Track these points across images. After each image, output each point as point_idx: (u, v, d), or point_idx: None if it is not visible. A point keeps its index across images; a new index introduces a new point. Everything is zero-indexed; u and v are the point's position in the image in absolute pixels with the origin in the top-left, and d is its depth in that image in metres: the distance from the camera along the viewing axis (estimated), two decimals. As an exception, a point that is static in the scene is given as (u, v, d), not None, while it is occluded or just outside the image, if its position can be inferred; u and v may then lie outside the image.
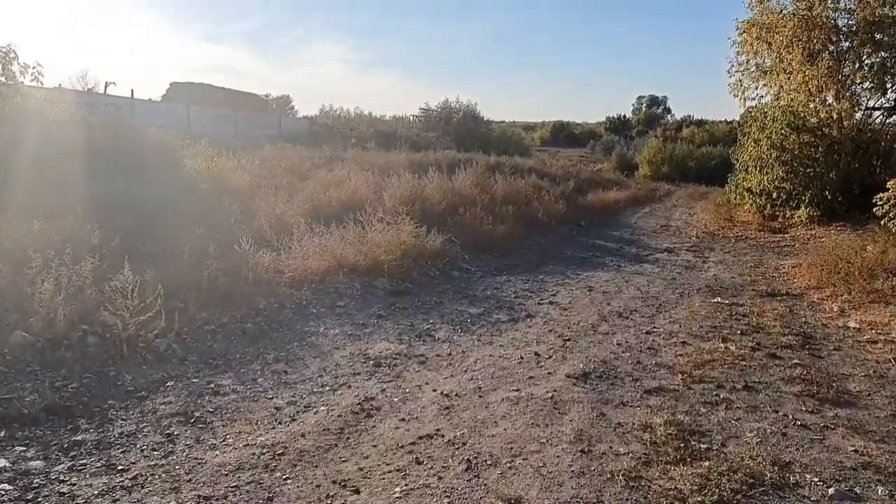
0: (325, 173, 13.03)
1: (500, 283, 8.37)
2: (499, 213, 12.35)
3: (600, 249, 11.55)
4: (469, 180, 13.79)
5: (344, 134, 25.30)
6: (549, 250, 11.29)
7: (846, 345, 5.89)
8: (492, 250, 10.56)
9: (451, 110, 35.85)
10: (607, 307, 7.04)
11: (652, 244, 12.28)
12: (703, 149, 39.53)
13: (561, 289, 8.06)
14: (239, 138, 19.96)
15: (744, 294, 8.04)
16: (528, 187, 15.71)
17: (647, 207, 18.92)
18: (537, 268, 9.64)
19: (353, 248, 8.06)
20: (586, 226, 14.42)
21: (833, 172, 13.48)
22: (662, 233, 13.91)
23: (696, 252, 11.45)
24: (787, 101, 14.30)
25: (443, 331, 6.07)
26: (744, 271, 9.66)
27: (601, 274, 9.18)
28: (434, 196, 12.11)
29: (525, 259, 10.37)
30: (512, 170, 18.95)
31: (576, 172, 23.14)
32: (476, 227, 11.09)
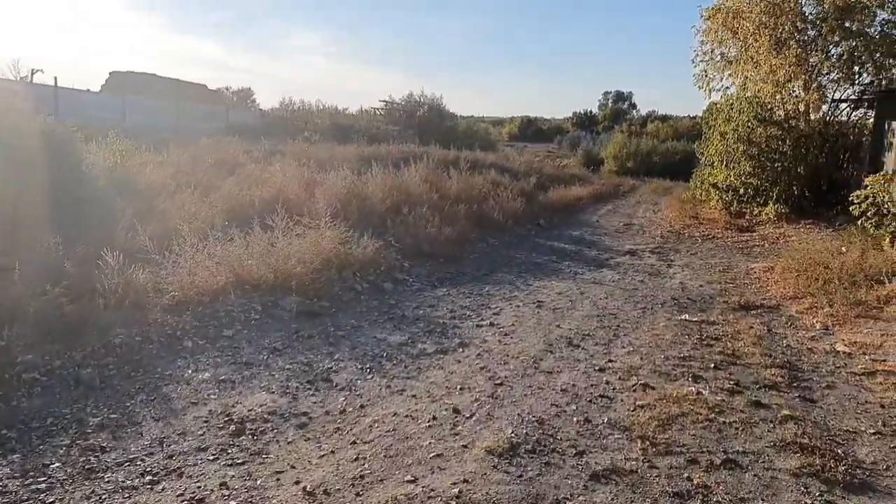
0: (253, 169, 11.55)
1: (438, 298, 7.05)
2: (449, 212, 11.03)
3: (558, 252, 10.30)
4: (419, 176, 12.44)
5: (298, 127, 23.71)
6: (501, 254, 10.01)
7: (840, 379, 4.69)
8: (437, 256, 9.24)
9: (415, 103, 34.34)
10: (556, 330, 5.75)
11: (614, 246, 11.07)
12: (668, 143, 38.86)
13: (506, 305, 6.77)
14: (179, 131, 18.35)
15: (714, 307, 6.84)
16: (485, 184, 14.43)
17: (611, 204, 17.77)
18: (485, 276, 8.34)
19: (258, 260, 6.68)
20: (546, 225, 13.17)
21: (801, 167, 12.42)
22: (625, 232, 12.73)
23: (660, 255, 10.27)
24: (754, 91, 13.20)
25: (346, 371, 4.72)
26: (712, 277, 8.49)
27: (555, 283, 7.91)
28: (376, 194, 10.74)
29: (473, 265, 9.06)
30: (471, 165, 17.67)
31: (539, 168, 21.91)
32: (421, 228, 9.76)
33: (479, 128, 39.18)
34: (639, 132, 48.14)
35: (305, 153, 14.70)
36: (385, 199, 10.68)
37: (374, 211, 10.33)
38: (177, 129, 20.08)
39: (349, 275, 7.53)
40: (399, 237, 9.62)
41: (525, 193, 15.18)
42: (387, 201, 10.65)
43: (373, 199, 10.62)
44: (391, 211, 10.55)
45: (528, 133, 57.93)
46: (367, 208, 10.23)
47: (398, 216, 10.27)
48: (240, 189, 10.08)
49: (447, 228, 9.95)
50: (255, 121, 25.38)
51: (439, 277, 8.17)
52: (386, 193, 10.91)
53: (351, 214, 9.65)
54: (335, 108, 37.33)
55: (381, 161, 13.15)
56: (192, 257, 6.23)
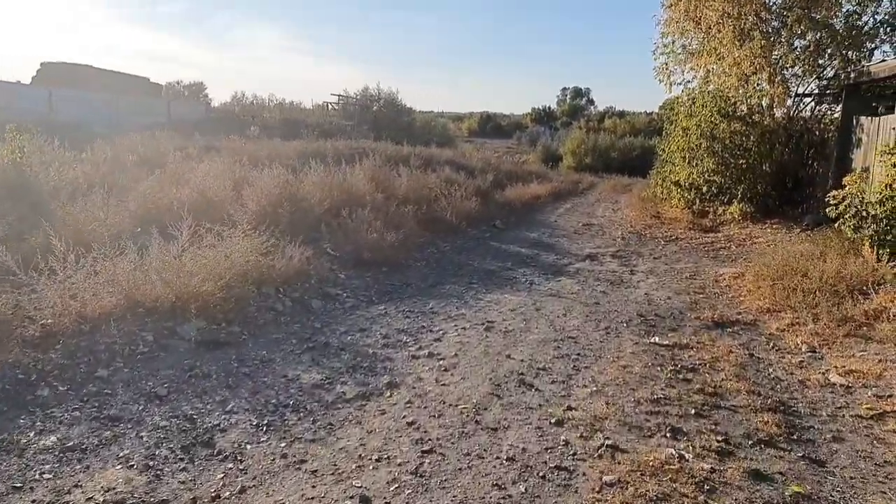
0: (176, 167, 10.28)
1: (373, 319, 6.00)
2: (395, 214, 9.98)
3: (514, 258, 9.35)
4: (365, 175, 11.34)
5: (245, 121, 22.28)
6: (452, 261, 9.00)
7: (845, 426, 3.81)
8: (380, 264, 8.20)
9: (370, 98, 33.09)
10: (506, 363, 4.76)
11: (573, 249, 10.17)
12: (626, 139, 38.57)
13: (451, 327, 5.75)
14: (112, 125, 16.83)
15: (685, 325, 5.95)
16: (438, 182, 13.41)
17: (570, 202, 16.94)
18: (431, 289, 7.32)
19: (156, 277, 5.53)
20: (502, 226, 12.22)
21: (767, 164, 11.73)
22: (585, 233, 11.86)
23: (622, 259, 9.40)
24: (717, 85, 12.45)
25: (237, 430, 3.64)
26: (680, 286, 7.63)
27: (509, 297, 6.93)
28: (313, 195, 9.62)
29: (420, 275, 8.04)
30: (424, 162, 16.63)
31: (496, 165, 20.99)
32: (363, 233, 8.69)
33: (437, 123, 38.09)
34: (597, 128, 47.83)
35: (243, 149, 13.43)
36: (324, 201, 9.57)
37: (311, 214, 9.22)
38: (111, 123, 18.49)
39: (271, 291, 6.43)
40: (337, 244, 8.54)
41: (481, 192, 14.23)
42: (325, 203, 9.54)
43: (310, 200, 9.50)
44: (330, 214, 9.45)
45: (488, 129, 57.08)
46: (302, 211, 9.11)
47: (338, 220, 9.19)
48: (158, 190, 8.85)
49: (392, 233, 8.91)
50: (200, 115, 23.80)
51: (379, 291, 7.12)
52: (325, 194, 9.79)
53: (282, 218, 8.53)
54: (290, 103, 35.84)
55: (327, 158, 12.01)
56: (72, 276, 5.06)
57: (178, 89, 49.09)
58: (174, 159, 11.51)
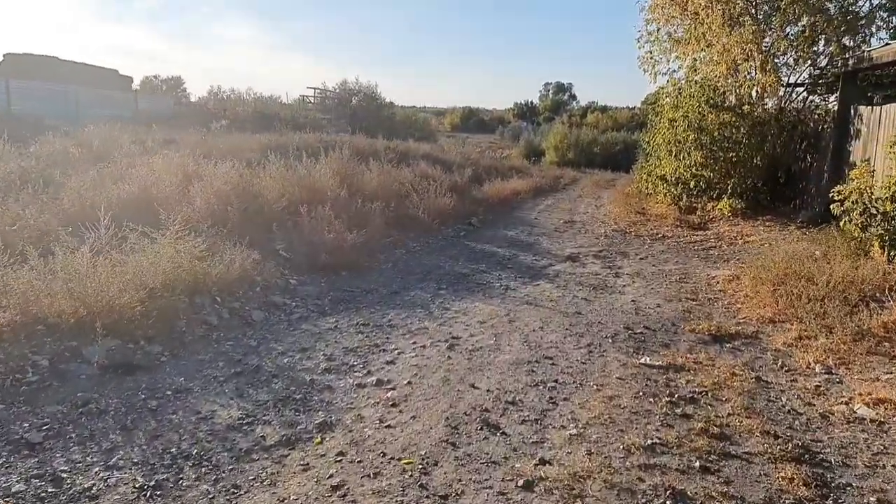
0: (122, 161, 9.28)
1: (320, 335, 5.12)
2: (361, 212, 9.09)
3: (489, 259, 8.50)
4: (330, 169, 10.43)
5: (216, 115, 21.22)
6: (422, 263, 8.14)
7: (892, 483, 3.02)
8: (339, 267, 7.32)
9: (349, 92, 32.06)
10: (468, 395, 3.91)
11: (553, 249, 9.35)
12: (608, 134, 38.01)
13: (409, 345, 4.89)
14: (72, 118, 15.77)
15: (680, 340, 5.14)
16: (413, 178, 12.52)
17: (551, 198, 16.12)
18: (394, 296, 6.46)
19: (61, 287, 4.62)
20: (478, 224, 11.37)
21: (758, 157, 10.97)
22: (566, 231, 11.04)
23: (606, 259, 8.60)
24: (705, 74, 11.68)
25: (114, 495, 2.76)
26: (670, 291, 6.84)
27: (480, 306, 6.09)
28: (270, 191, 8.70)
29: (384, 279, 7.17)
30: (399, 156, 15.73)
31: (476, 160, 20.14)
32: (322, 233, 7.81)
33: (418, 117, 37.16)
34: (579, 123, 47.23)
35: (202, 143, 12.43)
36: (281, 198, 8.66)
37: (266, 212, 8.31)
38: (72, 115, 17.39)
39: (206, 301, 5.53)
40: (291, 245, 7.64)
41: (457, 188, 13.36)
42: (284, 199, 8.63)
43: (266, 197, 8.58)
44: (288, 212, 8.55)
45: (471, 124, 56.21)
46: (257, 209, 8.20)
47: (296, 218, 8.30)
48: (95, 186, 7.89)
49: (356, 232, 8.03)
50: (168, 109, 22.69)
51: (334, 299, 6.24)
52: (284, 190, 8.88)
53: (232, 217, 7.62)
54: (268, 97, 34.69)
55: (294, 151, 11.09)
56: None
57: (155, 83, 47.82)
58: (126, 153, 10.52)
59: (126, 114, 18.88)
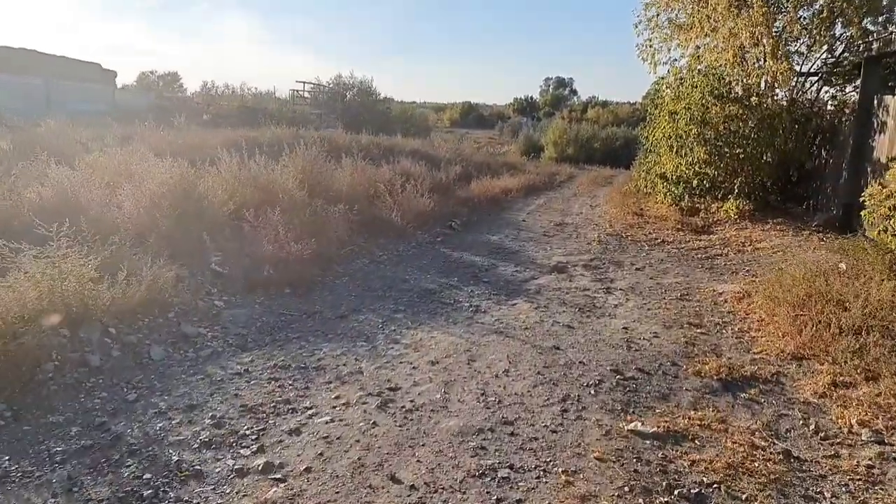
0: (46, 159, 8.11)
1: (219, 384, 3.96)
2: (317, 217, 7.92)
3: (463, 271, 7.34)
4: (296, 167, 9.26)
5: (197, 110, 20.08)
6: (384, 276, 6.97)
7: None
8: (284, 283, 6.17)
9: (343, 86, 30.82)
10: (382, 497, 2.76)
11: (539, 257, 8.17)
12: (608, 129, 36.80)
13: (329, 401, 3.73)
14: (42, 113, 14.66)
15: (681, 389, 3.98)
16: (393, 176, 11.34)
17: (543, 197, 14.91)
18: (339, 322, 5.30)
19: None
20: (460, 227, 10.19)
21: (768, 153, 9.75)
22: (556, 235, 9.85)
23: (597, 271, 7.42)
24: (710, 62, 10.45)
25: None
26: (669, 313, 5.66)
27: (437, 336, 4.93)
28: (216, 192, 7.54)
29: (333, 298, 6.01)
30: (385, 152, 14.56)
31: (468, 156, 18.92)
32: (269, 242, 6.66)
33: (413, 112, 35.94)
34: (579, 118, 45.99)
35: (163, 139, 11.26)
36: (230, 200, 7.51)
37: (210, 217, 7.16)
38: (42, 110, 16.27)
39: (95, 335, 4.39)
40: (230, 257, 6.49)
41: (440, 187, 12.19)
42: (232, 202, 7.48)
43: (211, 199, 7.43)
44: (237, 217, 7.40)
45: (470, 119, 54.96)
46: (198, 213, 7.04)
47: (244, 224, 7.15)
48: (8, 191, 6.76)
49: (309, 241, 6.88)
50: (148, 103, 21.56)
51: (263, 327, 5.09)
52: (233, 191, 7.72)
53: (161, 224, 6.47)
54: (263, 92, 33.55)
55: (265, 147, 9.92)
56: None
57: (151, 79, 46.78)
58: (96, 149, 9.36)
59: (102, 108, 17.74)
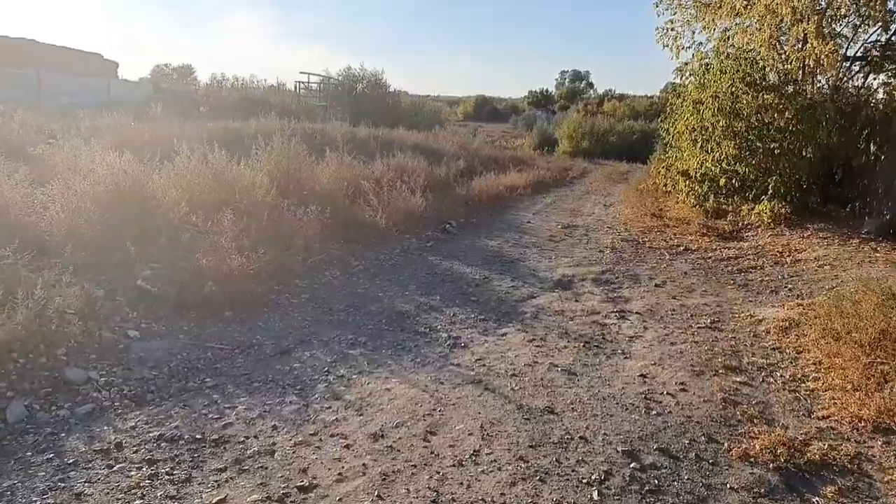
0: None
1: (71, 469, 2.78)
2: (283, 219, 6.72)
3: (449, 286, 6.10)
4: (270, 163, 8.08)
5: (197, 101, 19.02)
6: (353, 294, 5.75)
7: None
8: (227, 304, 4.98)
9: (353, 79, 29.57)
10: None
11: (541, 269, 6.90)
12: (625, 123, 35.23)
13: (211, 503, 2.55)
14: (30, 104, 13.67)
15: (724, 486, 2.71)
16: (386, 172, 10.12)
17: (553, 195, 13.58)
18: (275, 360, 4.10)
19: None
20: (455, 230, 8.93)
21: (808, 148, 8.36)
22: (563, 240, 8.56)
23: (609, 286, 6.14)
24: (741, 44, 9.04)
25: None
26: (700, 352, 4.38)
27: (394, 388, 3.71)
28: (168, 193, 6.37)
29: (282, 325, 4.80)
30: (383, 146, 13.31)
31: (475, 149, 17.63)
32: (218, 251, 5.48)
33: (425, 105, 34.63)
34: (595, 111, 44.34)
35: (136, 131, 10.12)
36: (182, 201, 6.34)
37: (160, 220, 6.00)
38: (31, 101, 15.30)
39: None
40: (167, 270, 5.30)
41: (438, 184, 10.95)
42: (184, 204, 6.31)
43: (161, 200, 6.26)
44: (189, 220, 6.22)
45: (484, 112, 53.41)
46: (142, 217, 5.88)
47: (193, 230, 5.98)
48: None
49: (269, 249, 5.70)
50: (145, 94, 20.54)
51: (179, 368, 3.90)
52: (186, 192, 6.56)
53: (87, 231, 5.32)
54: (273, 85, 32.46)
55: (245, 140, 8.77)
56: None
57: (166, 72, 46.08)
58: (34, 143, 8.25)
59: (100, 100, 16.72)
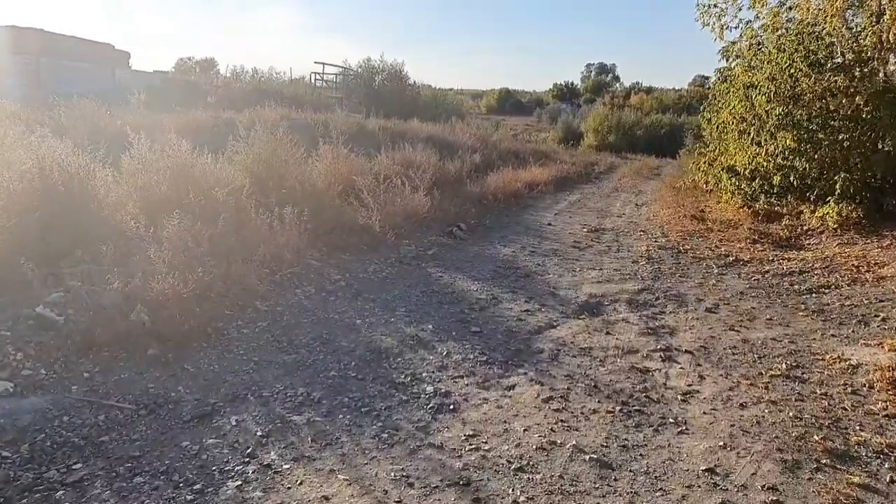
0: None
1: None
2: (250, 223, 5.49)
3: (447, 309, 4.82)
4: (251, 157, 6.87)
5: (206, 91, 17.98)
6: (322, 321, 4.49)
7: None
8: (152, 339, 3.79)
9: (372, 70, 28.34)
10: None
11: (562, 284, 5.57)
12: (653, 116, 33.58)
13: None
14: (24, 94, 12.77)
15: None
16: (390, 166, 8.88)
17: (578, 192, 12.18)
18: (191, 427, 2.88)
19: None
20: (464, 234, 7.64)
21: (887, 141, 6.87)
22: (590, 247, 7.21)
23: (647, 312, 4.80)
24: (805, 16, 7.55)
25: None
26: (782, 419, 3.04)
27: (334, 492, 2.45)
28: (111, 195, 5.19)
29: (216, 369, 3.57)
30: (394, 138, 12.06)
31: (494, 142, 16.28)
32: (157, 265, 4.29)
33: (445, 97, 33.26)
34: (622, 105, 42.55)
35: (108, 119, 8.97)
36: (129, 202, 5.18)
37: (98, 227, 4.84)
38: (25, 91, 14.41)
39: None
40: (89, 292, 4.11)
41: (448, 180, 9.66)
42: (131, 206, 5.15)
43: (104, 201, 5.10)
44: (140, 225, 5.04)
45: (507, 106, 51.83)
46: (77, 221, 4.73)
47: (136, 237, 4.79)
48: None
49: (224, 261, 4.50)
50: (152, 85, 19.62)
51: (43, 445, 2.71)
52: (140, 190, 5.38)
53: None
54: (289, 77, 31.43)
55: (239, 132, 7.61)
56: None
57: (189, 65, 45.43)
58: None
59: (103, 88, 15.77)
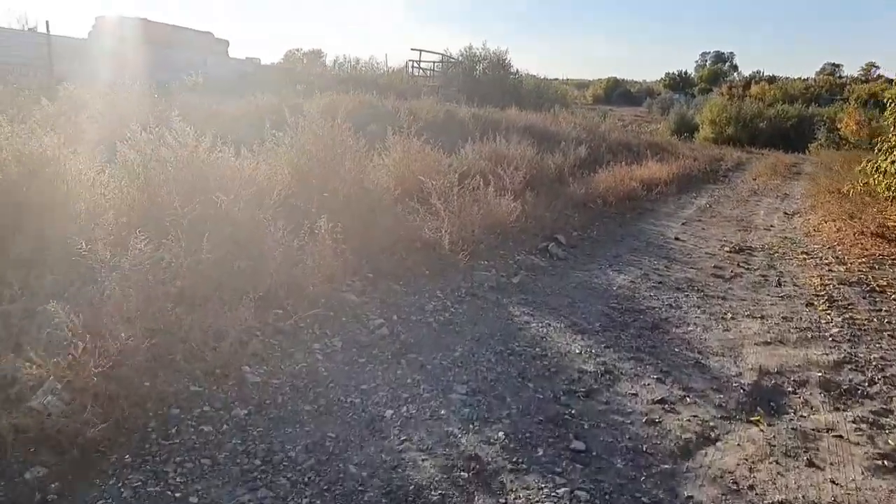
0: None
1: None
2: (249, 240, 3.97)
3: (532, 392, 3.05)
4: (295, 153, 5.38)
5: (294, 78, 17.13)
6: (323, 412, 2.87)
7: None
8: (35, 453, 2.33)
9: (473, 59, 26.66)
10: None
11: (710, 347, 3.60)
12: (777, 107, 29.53)
13: None
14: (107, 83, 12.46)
15: None
16: (476, 162, 7.19)
17: (707, 195, 9.81)
18: None
19: None
20: (563, 253, 5.75)
21: None
22: (737, 277, 5.10)
23: (861, 408, 2.76)
24: None
25: None
26: None
27: None
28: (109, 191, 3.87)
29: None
30: (485, 128, 10.30)
31: (602, 133, 14.05)
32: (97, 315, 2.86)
33: (548, 86, 30.95)
34: (741, 95, 38.07)
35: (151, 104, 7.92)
36: (111, 209, 3.84)
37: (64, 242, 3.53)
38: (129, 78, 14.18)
39: None
40: None
41: (545, 179, 7.78)
42: (112, 214, 3.79)
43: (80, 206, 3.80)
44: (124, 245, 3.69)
45: (615, 96, 48.19)
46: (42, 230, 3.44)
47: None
48: None
49: (204, 302, 3.02)
50: (244, 72, 19.20)
51: None
52: (129, 202, 4.04)
53: None
54: (399, 67, 30.55)
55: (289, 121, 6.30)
56: None
57: (297, 56, 46.18)
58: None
59: (192, 76, 15.37)
